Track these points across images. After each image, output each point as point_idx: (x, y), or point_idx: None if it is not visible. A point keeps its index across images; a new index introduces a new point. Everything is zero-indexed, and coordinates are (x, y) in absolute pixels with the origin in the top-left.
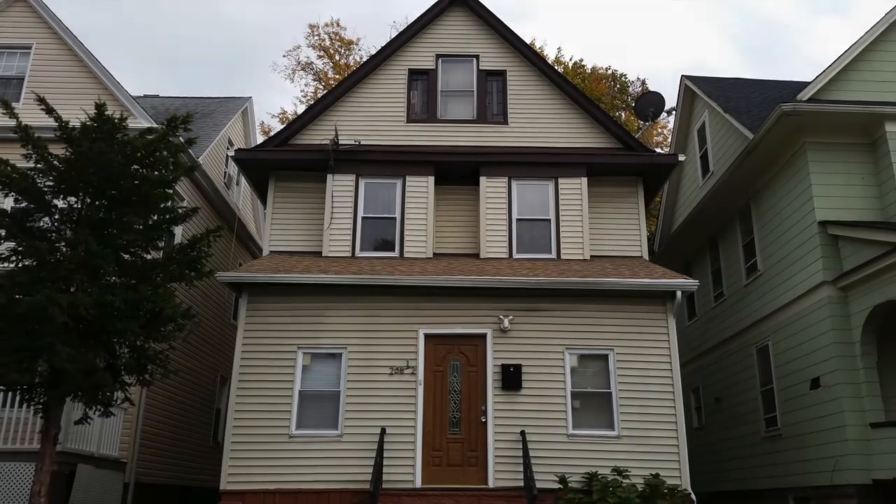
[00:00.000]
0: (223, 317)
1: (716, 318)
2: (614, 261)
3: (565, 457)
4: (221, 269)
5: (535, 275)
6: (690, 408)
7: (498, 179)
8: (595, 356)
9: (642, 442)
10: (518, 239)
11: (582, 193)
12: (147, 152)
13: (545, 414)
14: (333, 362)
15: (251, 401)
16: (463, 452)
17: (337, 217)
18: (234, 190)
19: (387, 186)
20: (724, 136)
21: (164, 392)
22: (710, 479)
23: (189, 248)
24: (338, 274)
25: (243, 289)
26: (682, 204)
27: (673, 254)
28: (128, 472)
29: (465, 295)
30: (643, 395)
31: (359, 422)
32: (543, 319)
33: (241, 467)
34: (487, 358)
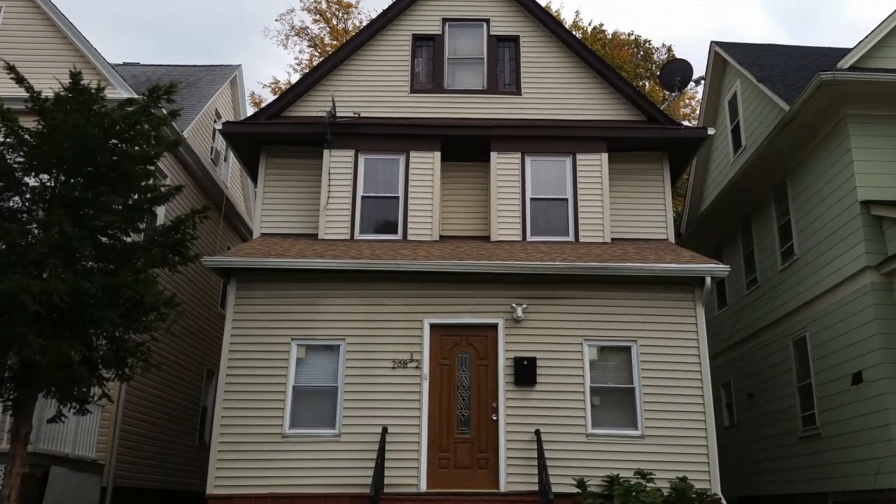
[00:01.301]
0: (210, 305)
1: (748, 306)
2: (637, 244)
3: (584, 458)
4: (208, 253)
5: (551, 259)
6: (720, 405)
7: (510, 155)
8: (616, 348)
9: (668, 442)
10: (532, 220)
11: (602, 170)
12: (127, 125)
13: (562, 412)
14: (330, 355)
15: (240, 397)
16: (472, 454)
17: (334, 196)
18: (221, 167)
19: (389, 163)
20: (758, 108)
21: (145, 388)
22: (742, 482)
23: (173, 230)
24: (335, 258)
25: (232, 275)
26: (711, 182)
27: (701, 236)
28: (106, 474)
29: (475, 281)
30: (669, 391)
31: (358, 420)
32: (560, 308)
33: (230, 470)
34: (499, 350)
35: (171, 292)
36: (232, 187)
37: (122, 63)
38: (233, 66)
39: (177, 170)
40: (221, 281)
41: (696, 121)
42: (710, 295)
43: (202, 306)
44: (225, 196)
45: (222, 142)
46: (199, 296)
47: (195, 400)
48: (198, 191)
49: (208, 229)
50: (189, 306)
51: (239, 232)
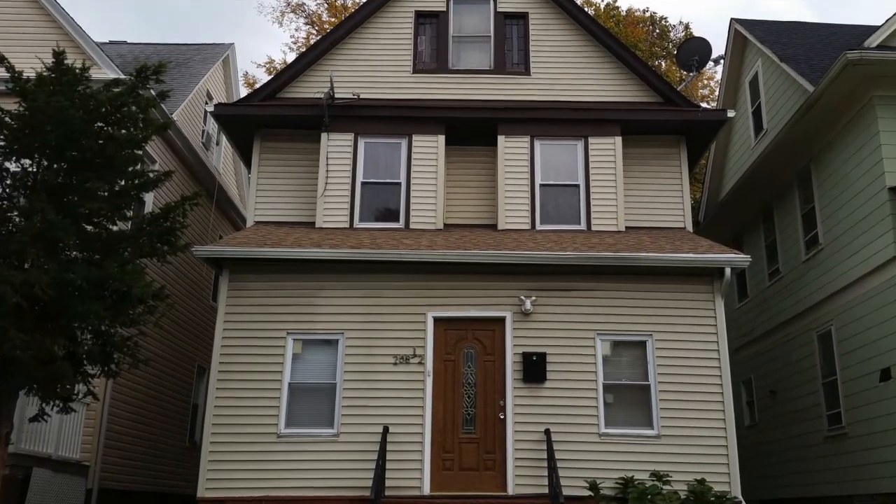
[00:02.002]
0: (201, 298)
1: (770, 298)
2: (653, 233)
3: (596, 459)
4: (199, 242)
5: (562, 249)
6: (741, 402)
7: (518, 139)
8: (631, 343)
9: (685, 442)
10: (542, 208)
11: (615, 155)
12: (113, 107)
13: (573, 410)
14: (328, 350)
15: (233, 395)
16: (478, 454)
17: (333, 182)
18: (213, 151)
19: (390, 147)
20: (780, 89)
21: (132, 385)
22: (764, 484)
23: (162, 218)
24: (333, 248)
25: (224, 265)
26: (731, 167)
27: (721, 225)
28: (91, 476)
29: (481, 272)
30: (686, 388)
31: (358, 419)
32: (571, 301)
33: (222, 471)
34: (506, 345)
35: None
36: (224, 173)
37: (108, 42)
38: (225, 45)
39: (166, 154)
40: (213, 272)
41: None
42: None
43: (193, 299)
44: (217, 182)
45: (214, 125)
46: (189, 288)
47: (185, 398)
48: (188, 177)
49: (199, 217)
50: (179, 299)
51: (232, 220)
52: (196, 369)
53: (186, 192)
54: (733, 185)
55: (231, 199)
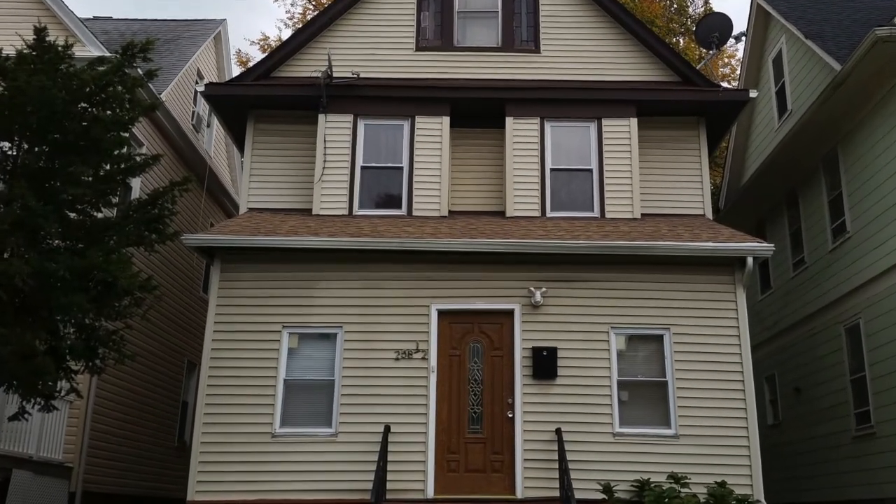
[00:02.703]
0: (191, 289)
1: (795, 290)
2: (671, 220)
3: (611, 460)
4: (189, 230)
5: (574, 237)
6: (764, 400)
7: (528, 120)
8: (647, 337)
9: (705, 442)
10: (553, 193)
11: (631, 137)
12: (98, 87)
13: (586, 408)
14: (326, 345)
15: (225, 392)
16: (485, 455)
17: (331, 167)
18: (204, 134)
19: (391, 129)
20: (806, 68)
21: (118, 382)
22: (787, 487)
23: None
24: (331, 236)
25: (216, 254)
26: (753, 151)
27: (742, 212)
28: (74, 479)
29: (488, 262)
30: (706, 385)
31: (357, 418)
32: (584, 292)
33: (213, 473)
34: (515, 339)
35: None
36: (216, 157)
37: (93, 17)
38: (217, 21)
39: (154, 137)
40: (204, 262)
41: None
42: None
43: (182, 290)
44: (208, 167)
45: (205, 106)
46: (178, 278)
47: (174, 395)
48: (177, 161)
49: (189, 204)
50: (167, 290)
51: (224, 207)
52: (186, 365)
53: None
54: (755, 170)
55: (223, 185)
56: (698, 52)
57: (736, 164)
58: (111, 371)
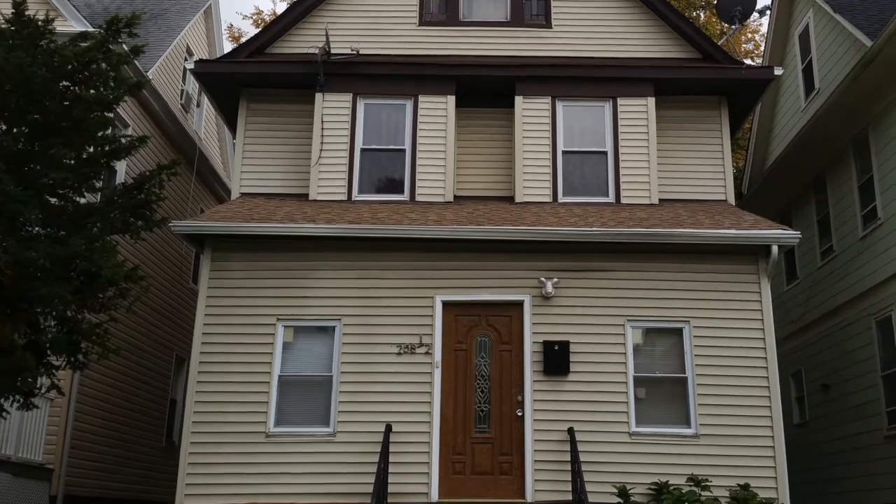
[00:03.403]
0: (180, 280)
1: (823, 280)
2: (690, 206)
3: (626, 462)
4: (178, 216)
5: (588, 224)
6: (790, 398)
7: (538, 99)
8: (666, 330)
9: (727, 442)
10: (565, 178)
11: (648, 118)
12: (80, 64)
13: (600, 406)
14: (324, 338)
15: (216, 389)
16: (493, 456)
17: (329, 149)
18: (194, 114)
19: (394, 109)
20: (834, 44)
21: (102, 378)
22: (815, 489)
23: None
24: (329, 223)
25: (206, 243)
26: (778, 132)
27: (767, 197)
28: (55, 481)
29: (496, 251)
30: (728, 382)
31: (357, 416)
32: (598, 283)
33: (203, 475)
34: (525, 333)
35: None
36: (206, 139)
37: None
38: None
39: (140, 118)
40: (193, 250)
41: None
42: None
43: (171, 281)
44: (198, 149)
45: (195, 84)
46: (166, 268)
47: (162, 392)
48: (165, 143)
49: (178, 188)
50: (155, 281)
51: (215, 192)
52: (174, 360)
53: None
54: (781, 153)
55: (214, 169)
56: (720, 26)
57: (760, 147)
58: (95, 367)
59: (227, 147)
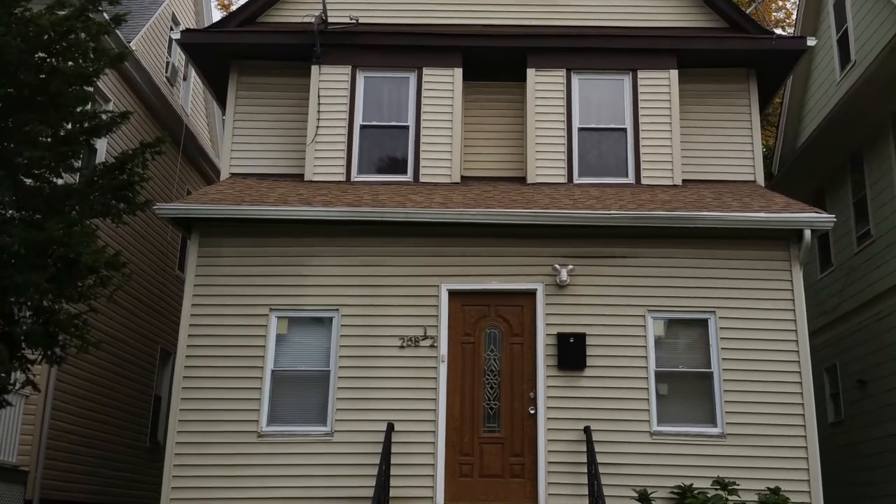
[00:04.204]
0: (165, 267)
1: (859, 267)
2: (716, 187)
3: (647, 463)
4: (163, 198)
5: (605, 207)
6: (824, 394)
7: (552, 72)
8: (689, 322)
9: (756, 442)
10: (581, 157)
11: (671, 92)
12: (58, 34)
13: (619, 403)
14: (320, 330)
15: (205, 385)
16: (503, 457)
17: (326, 126)
18: (180, 88)
19: (396, 82)
20: (871, 12)
21: (81, 373)
22: (851, 493)
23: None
24: (326, 206)
25: (193, 227)
26: (811, 107)
27: (798, 177)
28: (30, 484)
29: (507, 235)
30: (757, 377)
31: (356, 414)
32: (616, 270)
33: (191, 478)
34: (538, 324)
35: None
36: (193, 114)
37: None
38: None
39: (122, 92)
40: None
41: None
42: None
43: (155, 268)
44: (184, 126)
45: (181, 56)
46: (150, 255)
47: (146, 389)
48: (149, 119)
49: (163, 168)
50: (138, 268)
51: (203, 172)
52: (159, 354)
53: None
54: (814, 130)
55: (202, 147)
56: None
57: (791, 123)
58: (73, 361)
59: (217, 124)
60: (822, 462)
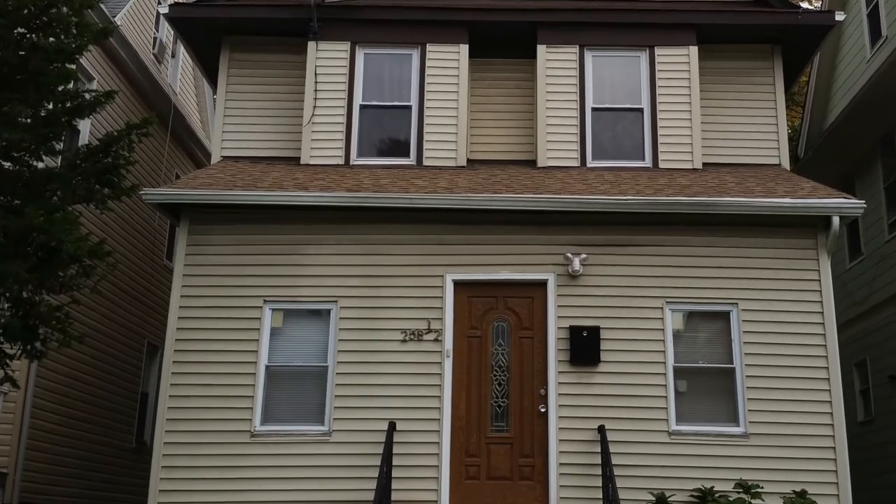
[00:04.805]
0: (152, 256)
1: (891, 256)
2: (739, 171)
3: (665, 465)
4: (150, 183)
5: (621, 192)
6: (854, 391)
7: (564, 49)
8: (710, 314)
9: (780, 443)
10: (594, 139)
11: (690, 70)
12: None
13: (635, 401)
14: (318, 324)
15: (194, 381)
16: (511, 459)
17: (323, 106)
18: (168, 66)
19: (398, 59)
20: None
21: (63, 369)
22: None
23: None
24: (324, 191)
25: (182, 213)
26: (840, 86)
27: (826, 160)
28: (9, 486)
29: (516, 223)
30: (782, 373)
31: (355, 413)
32: (633, 259)
33: (179, 480)
34: (549, 317)
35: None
36: (182, 94)
37: None
38: None
39: (107, 70)
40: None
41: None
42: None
43: (142, 257)
44: (173, 106)
45: (169, 32)
46: (137, 243)
47: (132, 385)
48: (136, 99)
49: (150, 151)
50: (123, 257)
51: (192, 155)
52: (146, 349)
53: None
54: (843, 110)
55: (191, 128)
56: None
57: (819, 103)
58: (54, 356)
59: (207, 104)
60: (850, 463)
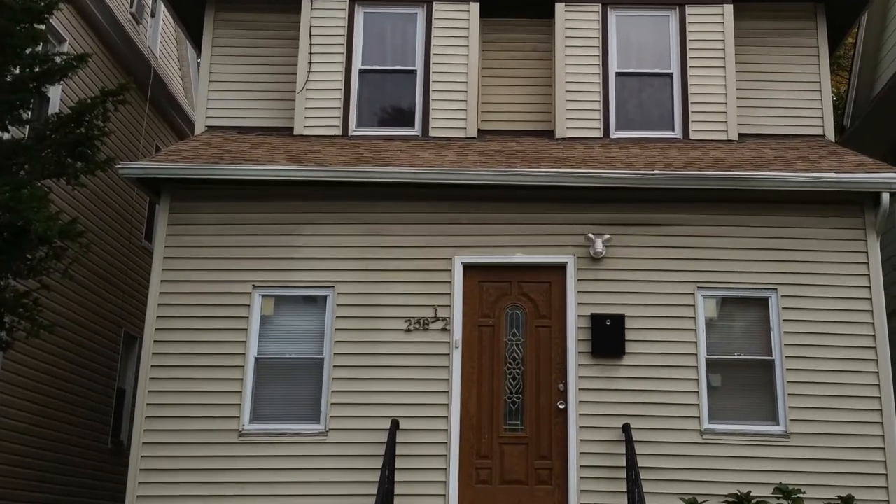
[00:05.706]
0: (130, 237)
1: None
2: (778, 142)
3: (697, 467)
4: (127, 156)
5: (648, 166)
6: None
7: (585, 7)
8: (747, 301)
9: (824, 443)
10: (619, 107)
11: (725, 30)
12: None
13: (663, 397)
14: (313, 311)
15: (176, 375)
16: (527, 460)
17: (319, 70)
18: (147, 26)
19: (401, 19)
20: None
21: (32, 361)
22: None
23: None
24: (320, 165)
25: (163, 189)
26: (889, 49)
27: (875, 131)
28: None
29: (532, 199)
30: (826, 366)
31: (354, 410)
32: (661, 240)
33: (159, 484)
34: (568, 304)
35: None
36: (163, 58)
37: None
38: None
39: (80, 31)
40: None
41: None
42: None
43: (118, 238)
44: (152, 70)
45: None
46: (113, 222)
47: (108, 380)
48: (112, 62)
49: (127, 121)
50: (98, 238)
51: (174, 125)
52: (123, 339)
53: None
54: (893, 75)
55: (173, 95)
56: None
57: (866, 68)
58: (22, 347)
59: (191, 68)
60: None
